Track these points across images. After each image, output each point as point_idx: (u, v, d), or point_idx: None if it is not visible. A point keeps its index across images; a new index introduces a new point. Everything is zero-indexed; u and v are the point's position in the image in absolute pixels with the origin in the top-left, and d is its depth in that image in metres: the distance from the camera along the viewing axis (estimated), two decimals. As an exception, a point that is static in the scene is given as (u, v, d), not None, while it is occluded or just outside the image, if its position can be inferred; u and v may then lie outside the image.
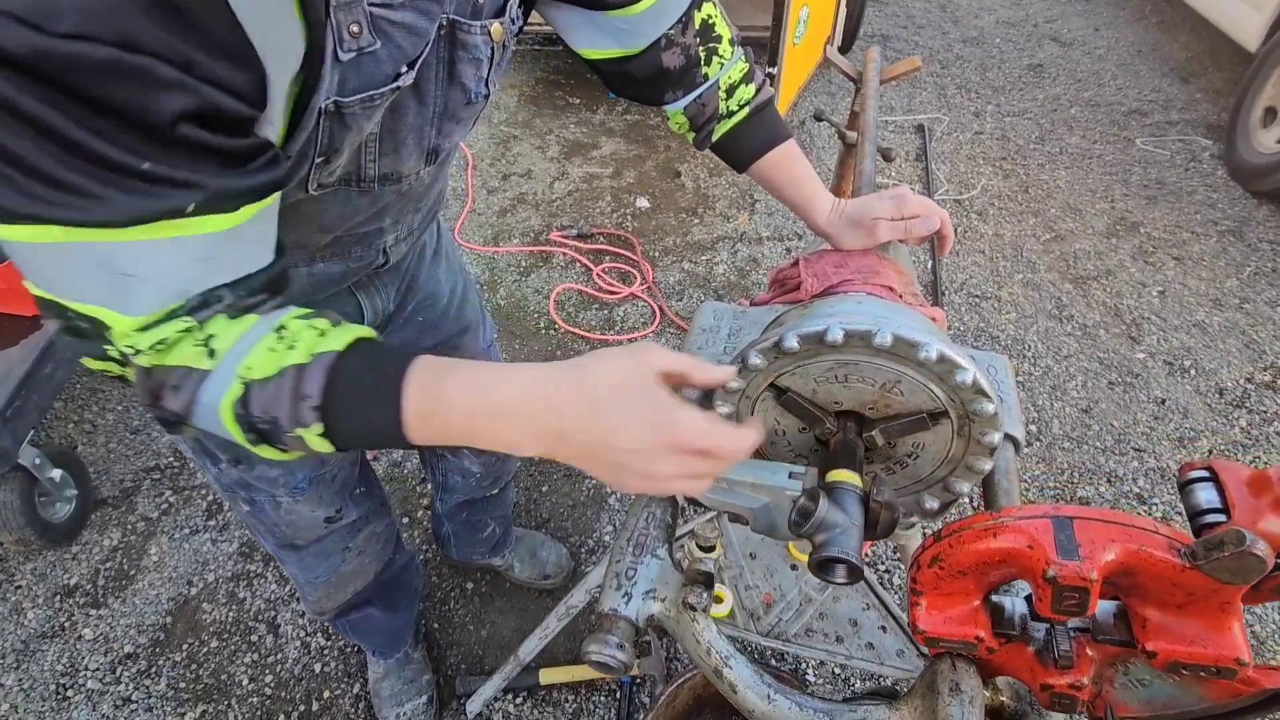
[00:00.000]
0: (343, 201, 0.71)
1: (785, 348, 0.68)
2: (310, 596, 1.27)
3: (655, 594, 0.66)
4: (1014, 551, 0.45)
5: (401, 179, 0.73)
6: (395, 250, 0.89)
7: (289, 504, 1.05)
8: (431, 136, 0.71)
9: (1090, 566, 0.41)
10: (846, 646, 1.23)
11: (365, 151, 0.67)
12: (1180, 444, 2.10)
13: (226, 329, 0.52)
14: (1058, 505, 0.45)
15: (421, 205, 0.86)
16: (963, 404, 0.67)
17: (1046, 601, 0.44)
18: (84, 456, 1.97)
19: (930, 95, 3.82)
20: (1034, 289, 2.64)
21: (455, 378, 0.53)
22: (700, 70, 0.89)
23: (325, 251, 0.80)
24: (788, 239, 2.83)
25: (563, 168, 3.21)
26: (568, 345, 2.37)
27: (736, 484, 0.72)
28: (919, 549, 0.51)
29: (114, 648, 1.61)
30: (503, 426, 0.53)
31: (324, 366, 0.52)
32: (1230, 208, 3.04)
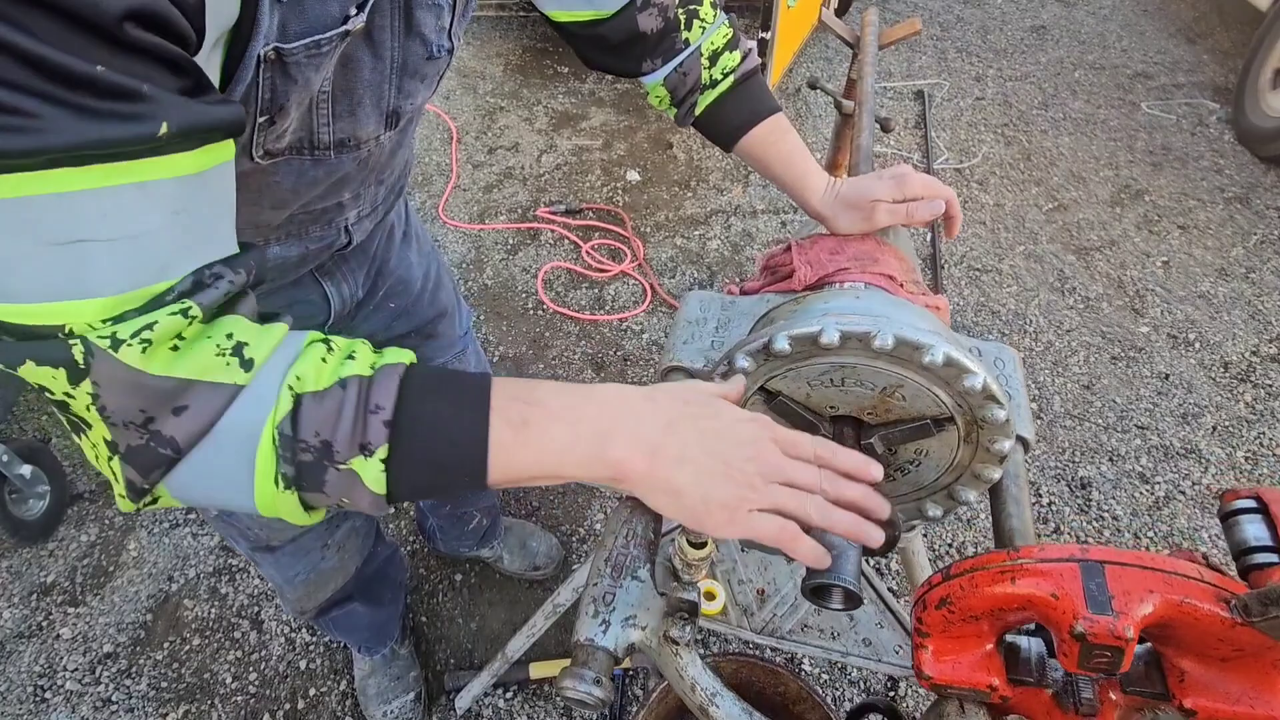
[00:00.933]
0: (296, 172, 0.63)
1: (775, 350, 0.62)
2: (290, 596, 1.22)
3: (635, 621, 0.61)
4: (1035, 599, 0.39)
5: (360, 145, 0.65)
6: (359, 229, 0.81)
7: None
8: (391, 96, 0.64)
9: (1125, 623, 0.36)
10: (843, 643, 1.19)
11: (318, 113, 0.59)
12: (1184, 420, 2.05)
13: (257, 336, 0.43)
14: (1085, 547, 0.39)
15: (385, 177, 0.79)
16: (971, 409, 0.61)
17: (1072, 658, 0.38)
18: (58, 450, 1.91)
19: (930, 59, 3.70)
20: (1036, 261, 2.57)
21: (544, 384, 0.51)
22: (680, 35, 0.82)
23: (279, 232, 0.72)
24: (783, 212, 2.75)
25: (551, 140, 3.10)
26: (557, 325, 2.30)
27: None
28: (924, 587, 0.45)
29: (93, 647, 1.57)
30: (606, 429, 0.50)
31: (395, 375, 0.45)
32: (1237, 174, 2.96)
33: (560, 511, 1.84)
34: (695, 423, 0.51)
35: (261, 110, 0.52)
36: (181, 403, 0.40)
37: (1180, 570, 0.37)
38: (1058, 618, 0.38)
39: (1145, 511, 1.84)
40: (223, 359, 0.41)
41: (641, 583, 0.64)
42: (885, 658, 1.18)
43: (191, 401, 0.40)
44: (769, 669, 1.36)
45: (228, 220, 0.46)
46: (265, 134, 0.55)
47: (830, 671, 1.57)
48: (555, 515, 1.83)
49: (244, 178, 0.59)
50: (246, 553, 1.11)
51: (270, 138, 0.56)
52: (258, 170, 0.60)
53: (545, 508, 1.85)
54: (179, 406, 0.40)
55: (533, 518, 1.82)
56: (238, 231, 0.66)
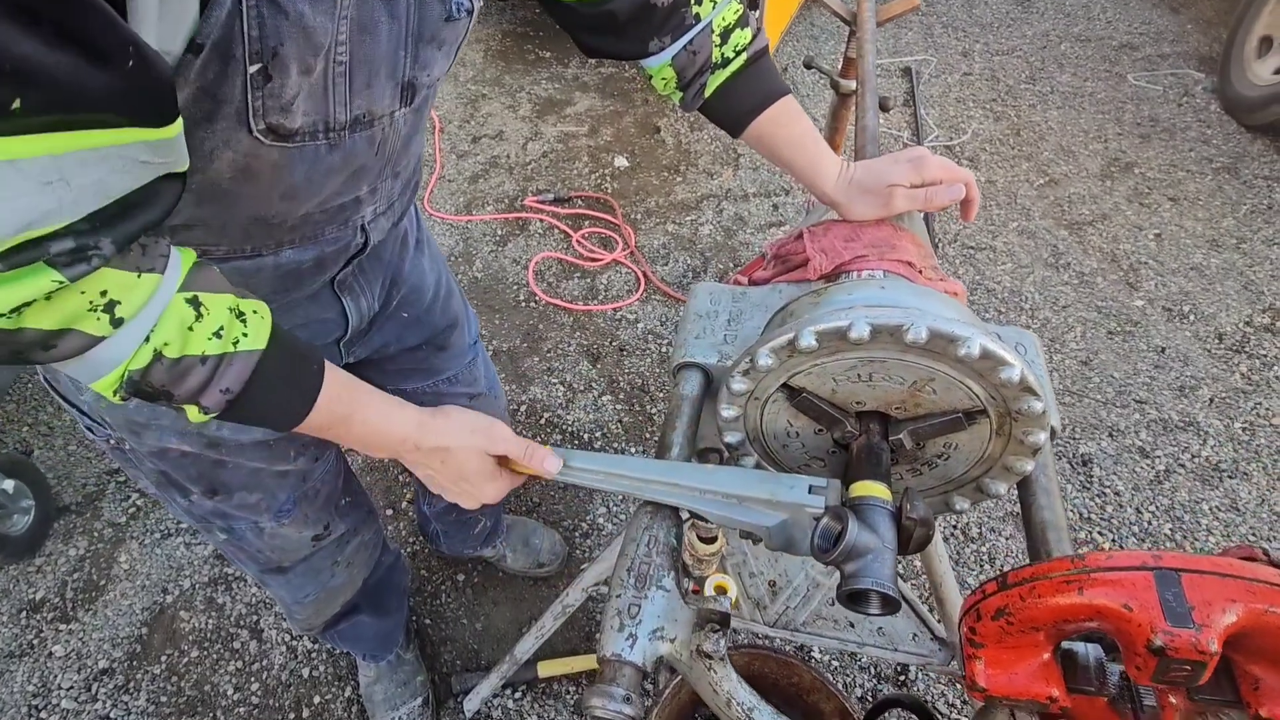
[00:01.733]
0: (310, 159, 0.59)
1: (802, 346, 0.59)
2: (299, 616, 1.19)
3: (664, 633, 0.58)
4: (1106, 610, 0.37)
5: (374, 122, 0.61)
6: (375, 228, 0.76)
7: (273, 528, 0.96)
8: (406, 65, 0.60)
9: (1209, 636, 0.34)
10: (858, 632, 1.18)
11: (334, 89, 0.54)
12: (1181, 393, 2.05)
13: (128, 289, 0.46)
14: (1157, 554, 0.37)
15: (400, 168, 0.74)
16: (1005, 402, 0.59)
17: (1147, 671, 0.36)
18: (41, 462, 1.85)
19: (916, 35, 3.66)
20: (1029, 237, 2.55)
21: (360, 411, 0.64)
22: (690, 9, 0.77)
23: (293, 234, 0.67)
24: (775, 195, 2.71)
25: (536, 127, 3.03)
26: (550, 317, 2.26)
27: (749, 500, 0.64)
28: (977, 594, 0.43)
29: (88, 664, 1.53)
30: (381, 453, 0.69)
31: (249, 363, 0.54)
32: (1225, 143, 2.96)
33: (562, 507, 1.81)
34: (444, 467, 0.71)
35: (252, 54, 0.47)
36: (52, 342, 0.45)
37: (1261, 576, 0.35)
38: (1132, 630, 0.36)
39: (1146, 486, 1.84)
40: (94, 314, 0.45)
41: (667, 592, 0.61)
42: (901, 646, 1.17)
43: (60, 342, 0.46)
44: (781, 660, 1.35)
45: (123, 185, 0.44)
46: (263, 96, 0.50)
47: (840, 659, 1.56)
48: (557, 511, 1.80)
49: (250, 162, 0.55)
50: (256, 575, 1.08)
51: (272, 106, 0.51)
52: (262, 156, 0.55)
53: (546, 504, 1.82)
54: (49, 345, 0.45)
55: (534, 514, 1.79)
56: (243, 234, 0.63)
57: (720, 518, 0.65)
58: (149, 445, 0.79)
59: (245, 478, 0.87)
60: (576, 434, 1.94)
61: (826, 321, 0.57)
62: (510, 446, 0.71)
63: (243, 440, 0.82)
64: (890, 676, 1.54)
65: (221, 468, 0.84)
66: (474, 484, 0.72)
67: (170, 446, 0.79)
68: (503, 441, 0.71)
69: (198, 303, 0.51)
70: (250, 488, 0.88)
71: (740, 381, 0.66)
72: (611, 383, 2.08)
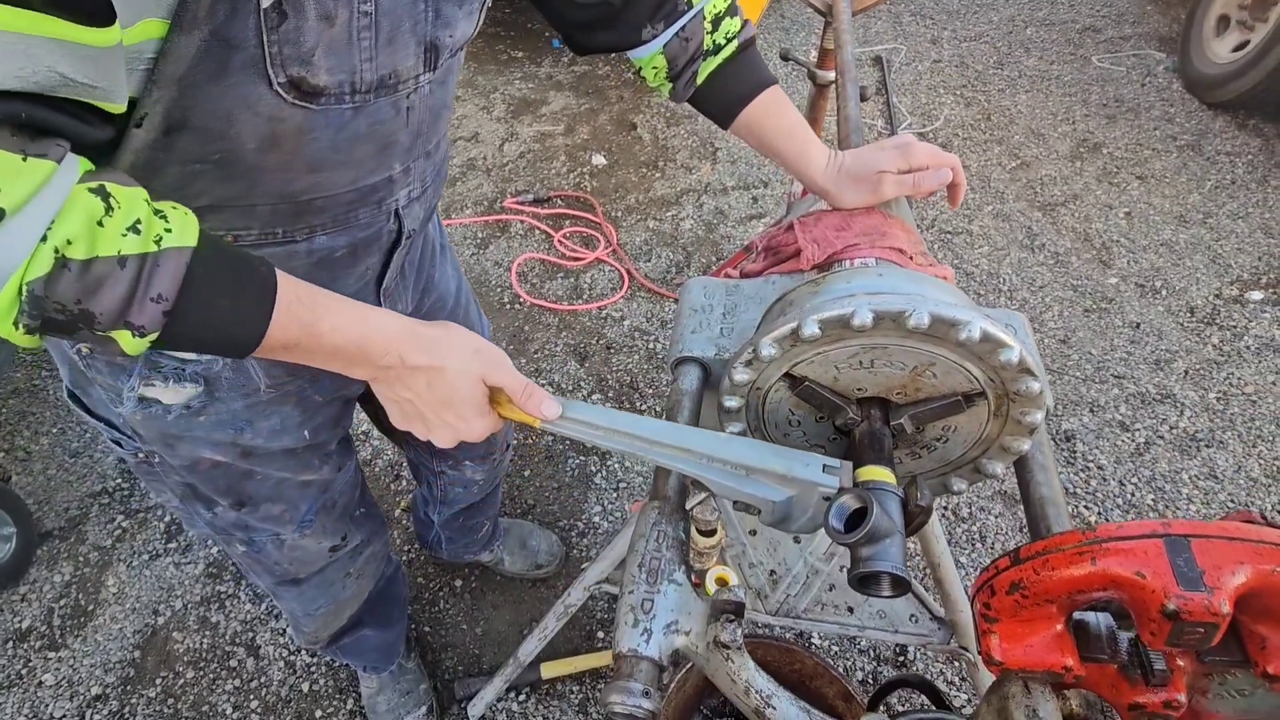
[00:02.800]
0: (335, 124, 0.57)
1: (805, 335, 0.59)
2: (306, 629, 1.18)
3: (678, 626, 0.59)
4: (1120, 579, 0.38)
5: (399, 84, 0.59)
6: (409, 214, 0.74)
7: (294, 540, 0.95)
8: (429, 21, 0.58)
9: (1220, 598, 0.35)
10: (858, 617, 1.19)
11: (359, 41, 0.52)
12: (1157, 367, 2.10)
13: (12, 174, 0.38)
14: (1166, 521, 0.38)
15: (430, 148, 0.72)
16: (1003, 383, 0.60)
17: (1162, 636, 0.37)
18: (20, 487, 1.81)
19: (885, 24, 3.69)
20: (1004, 220, 2.60)
21: (329, 316, 0.55)
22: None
23: (323, 216, 0.65)
24: (754, 188, 2.73)
25: (511, 128, 3.02)
26: (535, 318, 2.25)
27: (759, 472, 0.64)
28: (990, 571, 0.44)
29: (80, 691, 1.50)
30: (355, 370, 0.59)
31: (180, 264, 0.45)
32: (1188, 121, 3.03)
33: (557, 507, 1.81)
34: (431, 391, 0.61)
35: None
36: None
37: (1267, 538, 0.37)
38: (1146, 597, 0.37)
39: (1128, 459, 1.88)
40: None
41: (679, 586, 0.61)
42: (901, 628, 1.19)
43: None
44: (783, 647, 1.36)
45: None
46: (279, 40, 0.47)
47: (840, 643, 1.58)
48: (553, 511, 1.80)
49: (274, 127, 0.53)
50: (269, 587, 1.07)
51: (290, 54, 0.48)
52: (287, 120, 0.53)
53: (542, 504, 1.81)
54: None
55: (529, 515, 1.79)
56: (271, 214, 0.61)
57: (723, 487, 0.64)
58: (182, 457, 0.78)
59: (271, 489, 0.87)
60: (568, 434, 1.94)
61: (829, 310, 0.58)
62: (512, 379, 0.64)
63: (273, 448, 0.82)
64: (890, 658, 1.56)
65: (249, 479, 0.84)
66: (461, 415, 0.63)
67: (203, 457, 0.78)
68: (507, 372, 0.64)
69: (106, 193, 0.43)
70: (275, 499, 0.88)
71: (743, 372, 0.67)
72: (600, 381, 2.08)
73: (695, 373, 0.79)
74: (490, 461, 1.30)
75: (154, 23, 0.43)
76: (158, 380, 0.70)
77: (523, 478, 1.86)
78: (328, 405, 0.86)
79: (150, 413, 0.72)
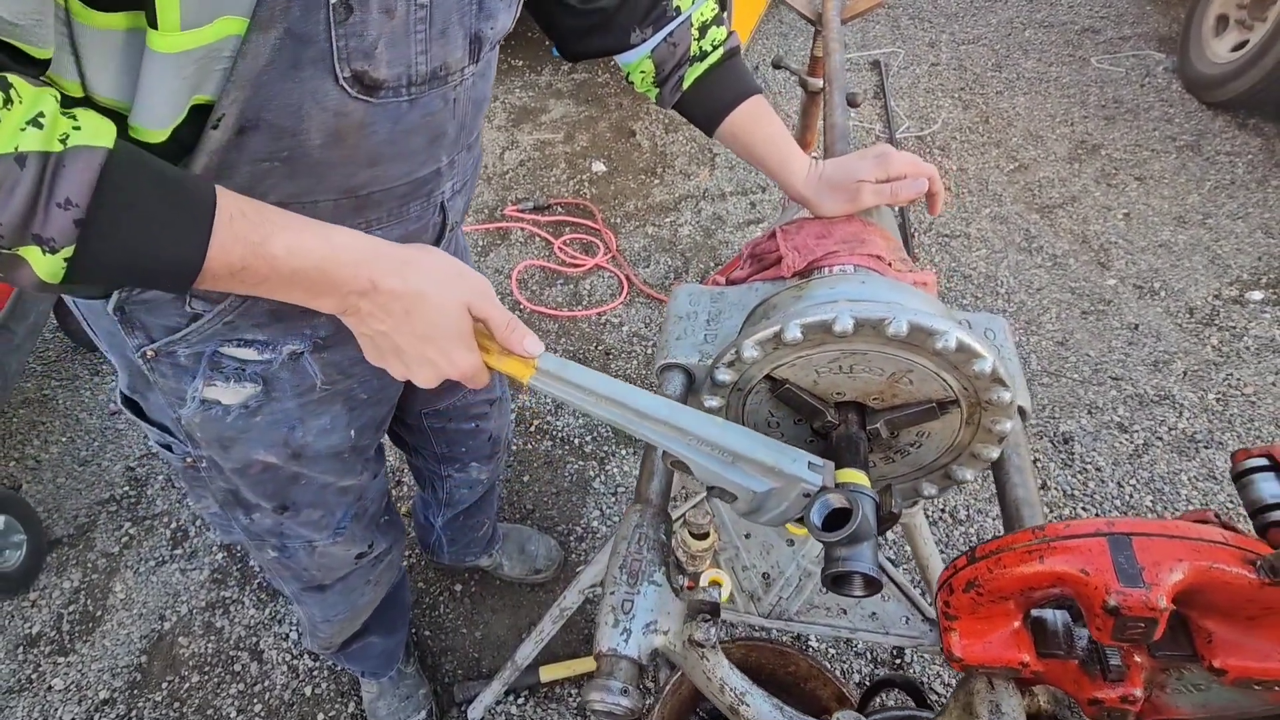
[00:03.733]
0: (393, 117, 0.59)
1: (787, 339, 0.61)
2: (322, 634, 1.20)
3: (656, 626, 0.60)
4: (1065, 576, 0.40)
5: (448, 76, 0.62)
6: (453, 206, 0.78)
7: (325, 546, 0.98)
8: (473, 14, 0.61)
9: (1158, 594, 0.36)
10: (850, 619, 1.20)
11: (415, 34, 0.55)
12: (1155, 368, 2.11)
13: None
14: (1111, 520, 0.39)
15: (471, 139, 0.75)
16: (976, 392, 0.62)
17: (1106, 631, 0.39)
18: (30, 495, 1.84)
19: (883, 28, 3.71)
20: (1002, 222, 2.60)
21: (280, 233, 0.48)
22: (671, 1, 0.80)
23: (380, 210, 0.67)
24: (751, 193, 2.74)
25: (512, 136, 3.05)
26: (535, 325, 2.28)
27: (744, 460, 0.64)
28: (949, 570, 0.45)
29: (88, 695, 1.53)
30: (321, 300, 0.53)
31: (93, 164, 0.40)
32: (1187, 121, 3.03)
33: (555, 512, 1.83)
34: (407, 320, 0.55)
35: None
36: None
37: (1205, 536, 0.38)
38: (1089, 593, 0.38)
39: (1126, 460, 1.89)
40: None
41: (658, 586, 0.63)
42: (893, 630, 1.20)
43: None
44: (777, 649, 1.37)
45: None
46: (346, 34, 0.49)
47: (836, 645, 1.59)
48: (551, 516, 1.82)
49: (337, 128, 0.55)
50: (294, 593, 1.09)
51: (355, 49, 0.51)
52: (350, 116, 0.55)
53: (540, 509, 1.83)
54: None
55: (528, 520, 1.81)
56: (333, 210, 0.61)
57: (706, 471, 0.65)
58: (235, 460, 0.80)
59: (314, 494, 0.89)
60: (567, 439, 1.96)
61: (812, 315, 0.60)
62: (498, 311, 0.59)
63: (320, 449, 0.84)
64: (886, 660, 1.57)
65: (295, 483, 0.86)
66: (443, 349, 0.56)
67: (256, 459, 0.80)
68: (492, 303, 0.58)
69: (5, 84, 0.38)
70: (316, 504, 0.91)
71: (725, 372, 0.69)
72: (599, 386, 2.10)
73: (680, 379, 0.80)
74: (495, 460, 1.32)
75: (233, 20, 0.44)
76: (219, 380, 0.73)
77: (521, 483, 1.88)
78: (371, 405, 0.89)
79: (210, 414, 0.74)
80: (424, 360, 0.57)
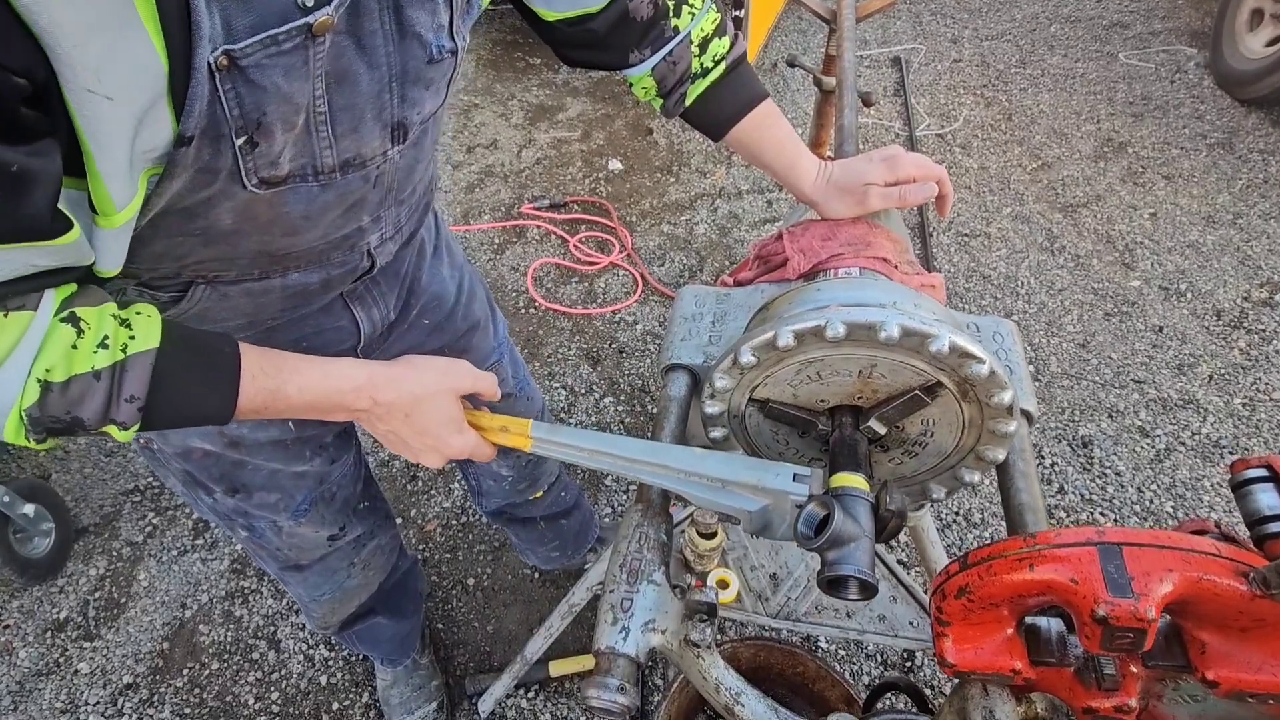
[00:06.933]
0: (305, 199, 0.61)
1: (743, 363, 0.62)
2: (315, 614, 1.23)
3: (655, 625, 0.61)
4: (1055, 585, 0.39)
5: (366, 163, 0.62)
6: (382, 251, 0.78)
7: (291, 527, 1.00)
8: (393, 107, 0.61)
9: (1147, 605, 0.36)
10: (858, 621, 1.20)
11: (318, 135, 0.56)
12: (1179, 371, 2.06)
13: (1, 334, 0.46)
14: (1101, 529, 0.39)
15: (405, 196, 0.75)
16: (953, 370, 0.61)
17: (1095, 640, 0.38)
18: (59, 485, 1.90)
19: (905, 24, 3.66)
20: (1023, 222, 2.56)
21: (294, 377, 0.61)
22: (669, 22, 0.79)
23: (299, 260, 0.69)
24: (768, 191, 2.73)
25: (529, 134, 3.07)
26: (550, 323, 2.29)
27: (733, 485, 0.66)
28: (942, 575, 0.45)
29: (112, 679, 1.57)
30: (335, 415, 0.66)
31: (146, 365, 0.52)
32: (1219, 119, 2.95)
33: (568, 509, 1.84)
34: (407, 422, 0.68)
35: (237, 130, 0.49)
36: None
37: (1197, 547, 0.38)
38: (1079, 602, 0.38)
39: (1147, 465, 1.85)
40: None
41: (658, 586, 0.64)
42: (901, 632, 1.19)
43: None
44: (786, 650, 1.37)
45: None
46: (251, 159, 0.52)
47: (847, 648, 1.58)
48: (563, 513, 1.83)
49: (249, 206, 0.57)
50: (275, 572, 1.12)
51: (262, 164, 0.54)
52: (259, 200, 0.57)
53: (553, 506, 1.84)
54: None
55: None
56: (251, 263, 0.66)
57: (703, 500, 0.67)
58: (174, 445, 0.83)
59: (264, 478, 0.91)
60: (580, 436, 1.97)
61: (759, 336, 0.60)
62: (481, 380, 0.71)
63: (260, 439, 0.86)
64: (896, 664, 1.56)
65: (241, 468, 0.88)
66: (439, 436, 0.70)
67: (194, 446, 0.83)
68: (470, 376, 0.71)
69: (76, 319, 0.50)
70: (269, 488, 0.92)
71: (723, 378, 0.69)
72: (612, 384, 2.11)
73: (684, 379, 0.81)
74: (513, 456, 1.31)
75: (153, 169, 0.49)
76: None
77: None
78: None
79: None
80: (426, 449, 0.70)
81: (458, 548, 1.77)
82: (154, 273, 0.62)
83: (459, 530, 1.80)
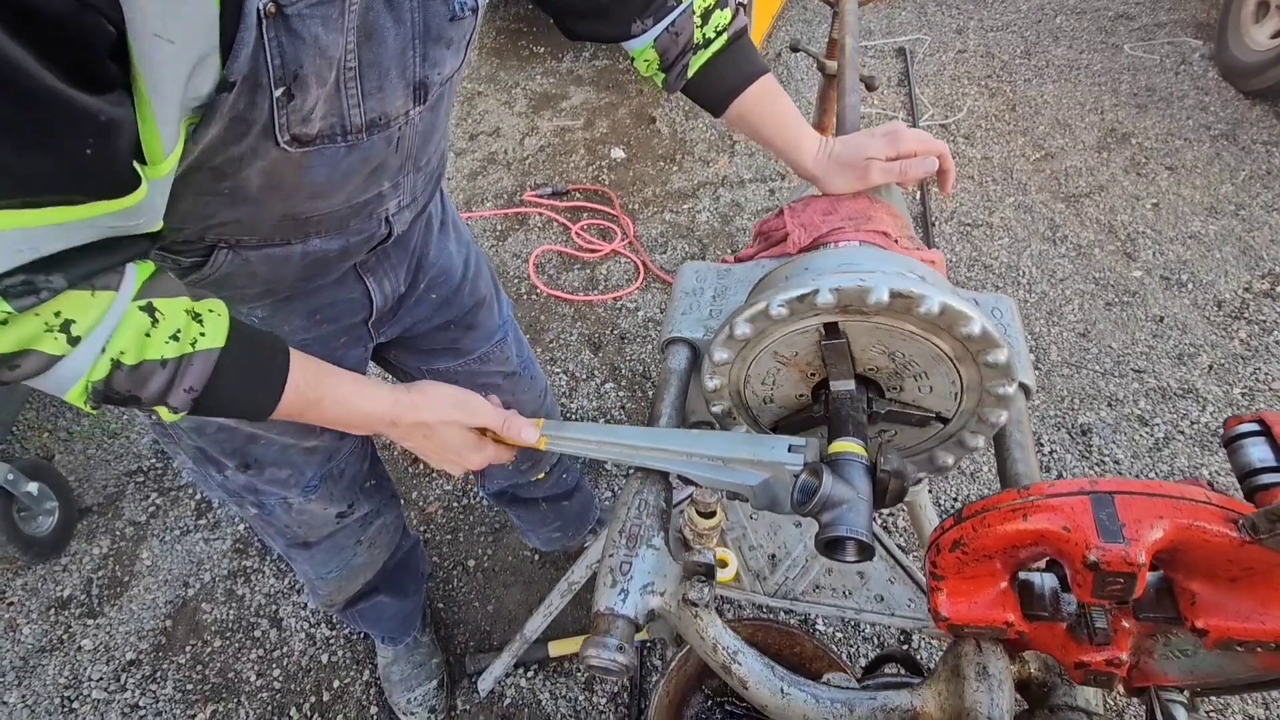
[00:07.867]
0: (330, 161, 0.62)
1: (738, 335, 0.63)
2: (320, 591, 1.24)
3: (653, 588, 0.62)
4: (1047, 534, 0.40)
5: (390, 123, 0.64)
6: (399, 219, 0.80)
7: (301, 504, 1.01)
8: (416, 65, 0.62)
9: (1137, 549, 0.37)
10: (856, 600, 1.21)
11: (346, 93, 0.58)
12: (1179, 361, 2.06)
13: (83, 308, 0.49)
14: (1094, 479, 0.39)
15: (422, 163, 0.77)
16: (947, 332, 0.61)
17: (1086, 587, 0.39)
18: (62, 465, 1.91)
19: (910, 15, 3.65)
20: (1026, 211, 2.56)
21: (332, 394, 0.67)
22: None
23: (320, 226, 0.71)
24: (770, 180, 2.73)
25: (532, 122, 3.06)
26: (551, 309, 2.30)
27: (733, 461, 0.67)
28: (937, 531, 0.46)
29: (115, 656, 1.59)
30: (359, 431, 0.73)
31: (209, 362, 0.56)
32: (1223, 110, 2.94)
33: (568, 492, 1.84)
34: (427, 441, 0.75)
35: (276, 80, 0.51)
36: (14, 363, 0.49)
37: (1188, 495, 0.38)
38: (1070, 549, 0.39)
39: (1146, 453, 1.86)
40: (51, 334, 0.49)
41: (656, 550, 0.64)
42: (898, 611, 1.20)
43: (22, 362, 0.49)
44: (783, 631, 1.38)
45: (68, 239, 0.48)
46: (287, 113, 0.54)
47: (844, 629, 1.60)
48: (563, 496, 1.84)
49: (277, 167, 0.59)
50: (282, 549, 1.13)
51: (295, 119, 0.55)
52: (288, 160, 0.58)
53: (553, 489, 1.85)
54: (13, 365, 0.49)
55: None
56: (274, 228, 0.67)
57: (707, 480, 0.68)
58: (191, 420, 0.84)
59: (276, 454, 0.92)
60: (581, 421, 1.98)
61: (752, 308, 0.61)
62: (488, 418, 0.75)
63: None
64: (894, 644, 1.57)
65: (255, 442, 0.89)
66: (459, 454, 0.76)
67: (210, 420, 0.84)
68: (480, 414, 0.75)
69: (153, 309, 0.53)
70: (280, 464, 0.93)
71: (722, 351, 0.69)
72: (613, 370, 2.11)
73: (684, 353, 0.81)
74: None
75: (192, 117, 0.50)
76: None
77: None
78: None
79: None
80: (446, 463, 0.77)
81: (459, 529, 1.78)
82: (178, 234, 0.64)
83: (460, 512, 1.82)
